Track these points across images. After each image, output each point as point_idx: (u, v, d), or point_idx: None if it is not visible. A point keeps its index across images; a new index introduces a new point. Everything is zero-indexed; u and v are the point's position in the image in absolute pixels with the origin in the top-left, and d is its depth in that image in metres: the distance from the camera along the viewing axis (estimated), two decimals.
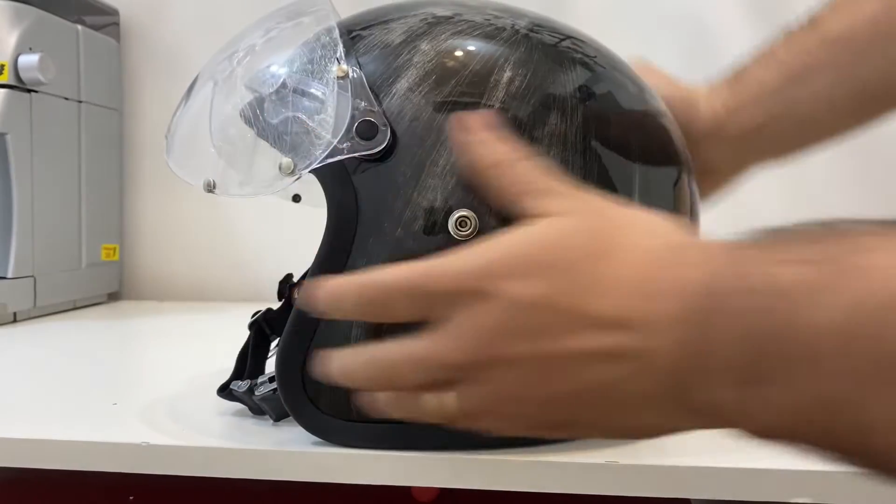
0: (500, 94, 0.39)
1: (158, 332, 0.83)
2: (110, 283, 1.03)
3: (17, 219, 0.84)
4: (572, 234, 0.32)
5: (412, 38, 0.40)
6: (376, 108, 0.39)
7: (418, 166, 0.38)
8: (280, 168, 0.38)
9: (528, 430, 0.34)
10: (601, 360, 0.30)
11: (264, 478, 0.40)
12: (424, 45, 0.40)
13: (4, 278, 0.83)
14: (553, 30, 0.43)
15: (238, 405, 0.46)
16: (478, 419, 0.33)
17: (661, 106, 0.45)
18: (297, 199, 0.55)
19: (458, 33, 0.41)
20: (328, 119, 0.38)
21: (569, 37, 0.43)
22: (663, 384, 0.29)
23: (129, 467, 0.42)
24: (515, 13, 0.43)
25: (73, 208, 0.94)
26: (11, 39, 0.82)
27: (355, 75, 0.39)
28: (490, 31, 0.41)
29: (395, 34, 0.41)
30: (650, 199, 0.41)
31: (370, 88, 0.39)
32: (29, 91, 0.84)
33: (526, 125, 0.38)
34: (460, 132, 0.37)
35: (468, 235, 0.37)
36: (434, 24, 0.41)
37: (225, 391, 0.47)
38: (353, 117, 0.38)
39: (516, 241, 0.32)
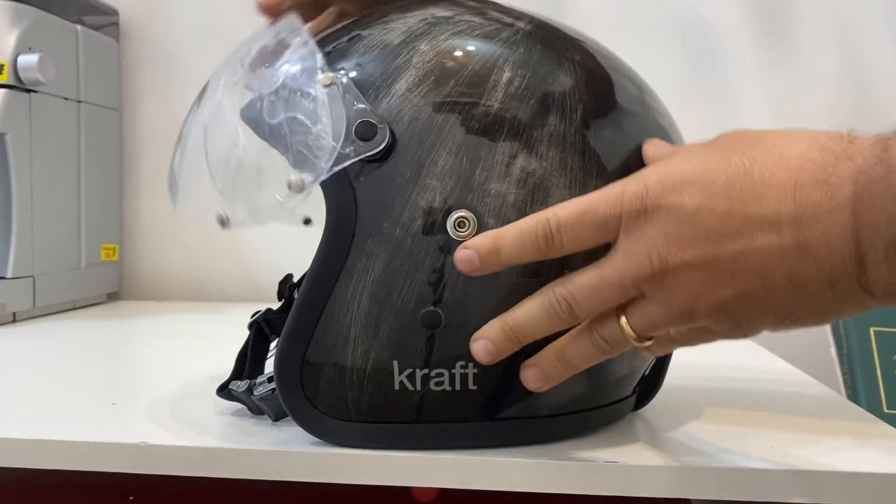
0: (500, 94, 0.39)
1: (158, 332, 0.83)
2: (110, 283, 1.03)
3: (16, 219, 0.84)
4: (718, 153, 0.34)
5: (411, 39, 0.40)
6: (370, 108, 0.38)
7: (417, 166, 0.38)
8: (290, 186, 0.38)
9: (704, 337, 0.37)
10: (772, 256, 0.32)
11: (264, 478, 0.40)
12: (423, 46, 0.40)
13: (4, 278, 0.83)
14: (553, 30, 0.43)
15: (238, 405, 0.47)
16: (655, 331, 0.35)
17: (662, 106, 0.45)
18: (308, 222, 0.54)
19: (458, 33, 0.41)
20: (326, 129, 0.38)
21: (569, 37, 0.43)
22: (843, 269, 0.31)
23: (128, 467, 0.42)
24: (516, 13, 0.43)
25: (72, 208, 0.94)
26: (11, 39, 0.82)
27: (345, 80, 0.39)
28: (490, 32, 0.41)
29: (395, 34, 0.41)
30: None
31: (369, 89, 0.39)
32: (29, 91, 0.84)
33: (525, 125, 0.38)
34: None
35: (467, 236, 0.37)
36: (433, 25, 0.41)
37: (224, 391, 0.47)
38: (349, 121, 0.38)
39: (671, 162, 0.35)
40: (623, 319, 0.35)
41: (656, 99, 0.45)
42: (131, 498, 0.50)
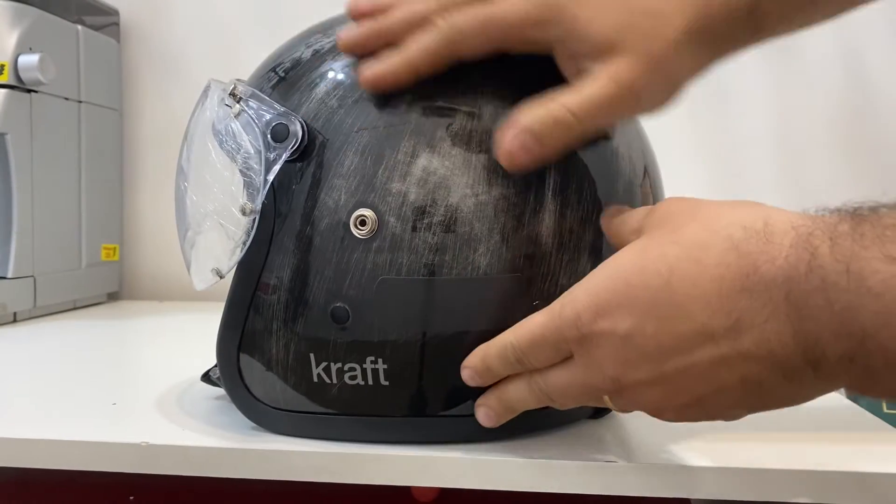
0: (408, 95, 0.40)
1: (158, 332, 0.84)
2: (110, 283, 1.03)
3: (17, 219, 0.84)
4: (636, 263, 0.34)
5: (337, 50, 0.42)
6: (281, 112, 0.40)
7: (327, 167, 0.40)
8: (244, 212, 0.40)
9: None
10: (715, 366, 0.32)
11: (265, 478, 0.40)
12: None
13: (4, 278, 0.83)
14: None
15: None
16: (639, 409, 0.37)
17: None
18: None
19: None
20: (248, 150, 0.40)
21: None
22: (795, 367, 0.30)
23: (128, 467, 0.42)
24: None
25: (73, 208, 0.94)
26: (11, 39, 0.82)
27: (252, 103, 0.41)
28: None
29: (328, 42, 0.42)
30: (567, 203, 0.40)
31: (293, 95, 0.41)
32: (29, 91, 0.84)
33: (430, 125, 0.39)
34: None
35: (367, 234, 0.39)
36: None
37: (205, 377, 0.49)
38: (263, 130, 0.40)
39: (596, 282, 0.35)
40: (607, 399, 0.36)
41: None
42: (131, 498, 0.50)
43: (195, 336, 0.80)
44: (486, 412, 0.39)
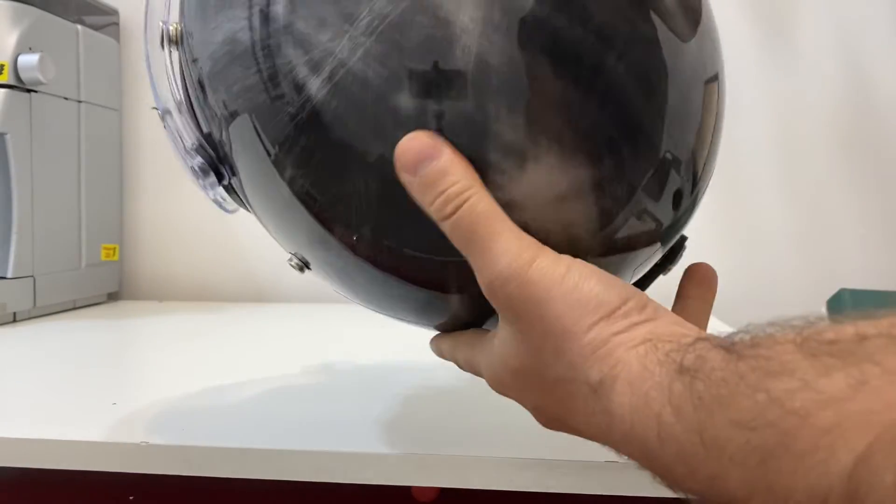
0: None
1: (158, 332, 0.83)
2: (110, 283, 1.03)
3: (16, 219, 0.84)
4: (522, 386, 0.34)
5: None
6: (202, 143, 0.37)
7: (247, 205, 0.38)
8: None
9: None
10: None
11: (264, 478, 0.40)
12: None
13: (4, 278, 0.83)
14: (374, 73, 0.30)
15: (236, 406, 0.46)
16: None
17: None
18: None
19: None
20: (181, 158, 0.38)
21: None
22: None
23: (128, 467, 0.42)
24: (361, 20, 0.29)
25: (73, 208, 0.94)
26: (11, 39, 0.82)
27: (175, 115, 0.38)
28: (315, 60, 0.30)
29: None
30: None
31: (210, 106, 0.36)
32: (29, 91, 0.84)
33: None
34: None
35: (296, 268, 0.38)
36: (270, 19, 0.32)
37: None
38: (191, 158, 0.37)
39: (496, 372, 0.34)
40: None
41: None
42: (131, 498, 0.50)
43: (195, 336, 0.80)
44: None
